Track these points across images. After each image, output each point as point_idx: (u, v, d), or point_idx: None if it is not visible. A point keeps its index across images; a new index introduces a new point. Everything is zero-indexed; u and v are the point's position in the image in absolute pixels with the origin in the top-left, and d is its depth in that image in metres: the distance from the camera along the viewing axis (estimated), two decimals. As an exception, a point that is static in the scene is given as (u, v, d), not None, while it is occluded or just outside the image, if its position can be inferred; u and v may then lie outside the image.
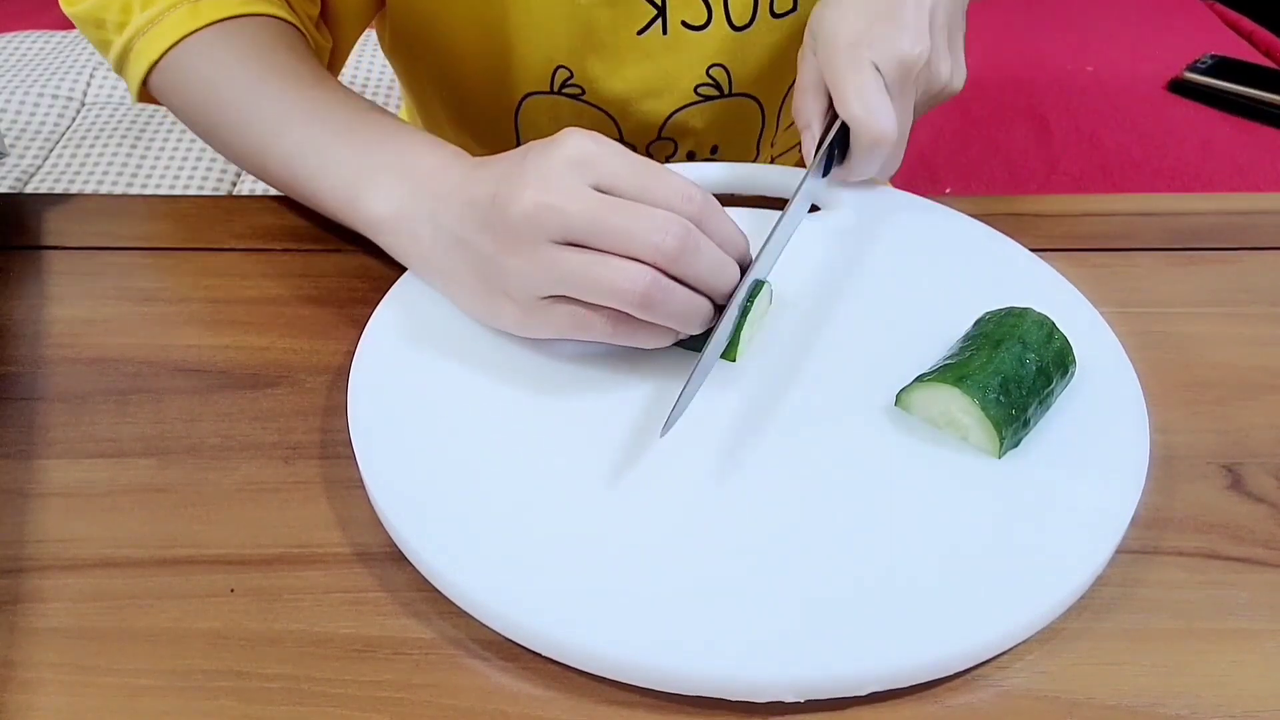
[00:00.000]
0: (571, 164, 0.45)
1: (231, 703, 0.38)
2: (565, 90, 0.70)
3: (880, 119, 0.53)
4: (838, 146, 0.56)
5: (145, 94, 0.63)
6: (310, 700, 0.39)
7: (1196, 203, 0.65)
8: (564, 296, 0.45)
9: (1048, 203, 0.66)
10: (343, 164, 0.54)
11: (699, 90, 0.70)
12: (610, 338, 0.46)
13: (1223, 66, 1.38)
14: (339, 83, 0.59)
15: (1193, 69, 1.38)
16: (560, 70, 0.69)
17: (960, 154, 1.43)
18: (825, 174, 0.56)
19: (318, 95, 0.57)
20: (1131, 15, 1.55)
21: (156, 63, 0.60)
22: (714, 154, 0.75)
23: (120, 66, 0.62)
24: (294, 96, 0.57)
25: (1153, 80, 1.40)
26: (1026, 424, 0.46)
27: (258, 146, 0.58)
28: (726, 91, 0.71)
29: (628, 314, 0.45)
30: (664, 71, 0.69)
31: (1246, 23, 1.54)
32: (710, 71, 0.70)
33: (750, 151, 0.76)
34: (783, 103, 0.74)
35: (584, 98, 0.70)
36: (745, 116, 0.73)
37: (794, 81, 0.74)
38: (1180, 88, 1.38)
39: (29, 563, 0.43)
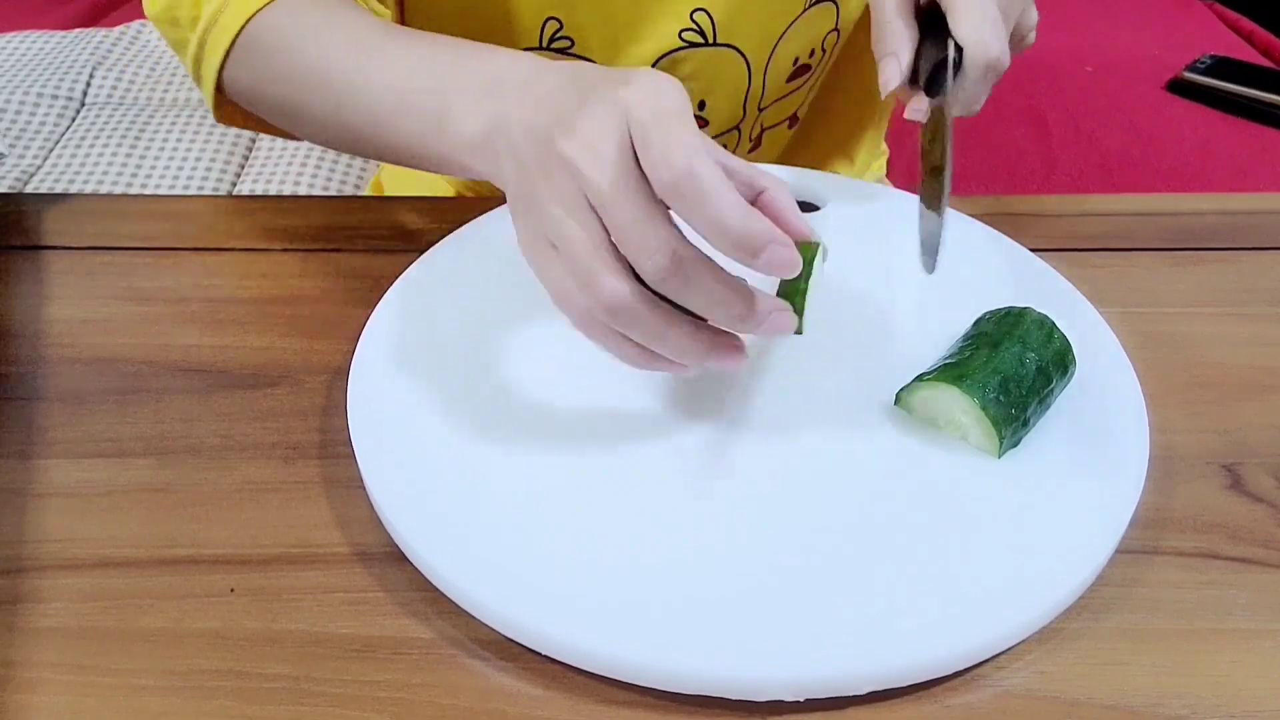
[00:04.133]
0: (620, 132, 0.41)
1: (231, 703, 0.38)
2: (554, 44, 0.70)
3: (999, 44, 0.50)
4: (938, 73, 0.52)
5: (221, 100, 0.62)
6: (310, 700, 0.39)
7: (1196, 203, 0.65)
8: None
9: (1048, 203, 0.66)
10: (423, 97, 0.52)
11: (683, 35, 0.71)
12: (579, 327, 0.44)
13: (1222, 66, 1.38)
14: (408, 30, 0.58)
15: (1192, 69, 1.38)
16: (550, 22, 0.69)
17: (960, 154, 1.43)
18: (933, 95, 0.52)
19: (390, 40, 0.56)
20: (1131, 15, 1.56)
21: (229, 51, 0.59)
22: (701, 109, 0.75)
23: (197, 64, 0.61)
24: (367, 47, 0.56)
25: (1152, 80, 1.40)
26: (1026, 424, 0.46)
27: (336, 104, 0.56)
28: (711, 40, 0.71)
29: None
30: (650, 17, 0.69)
31: (1246, 23, 1.54)
32: (694, 16, 0.70)
33: (738, 111, 0.76)
34: (768, 62, 0.74)
35: (572, 50, 0.71)
36: (731, 69, 0.74)
37: (780, 38, 0.75)
38: (1179, 87, 1.38)
39: (29, 563, 0.43)
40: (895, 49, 0.53)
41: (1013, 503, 0.44)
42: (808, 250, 0.43)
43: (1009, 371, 0.45)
